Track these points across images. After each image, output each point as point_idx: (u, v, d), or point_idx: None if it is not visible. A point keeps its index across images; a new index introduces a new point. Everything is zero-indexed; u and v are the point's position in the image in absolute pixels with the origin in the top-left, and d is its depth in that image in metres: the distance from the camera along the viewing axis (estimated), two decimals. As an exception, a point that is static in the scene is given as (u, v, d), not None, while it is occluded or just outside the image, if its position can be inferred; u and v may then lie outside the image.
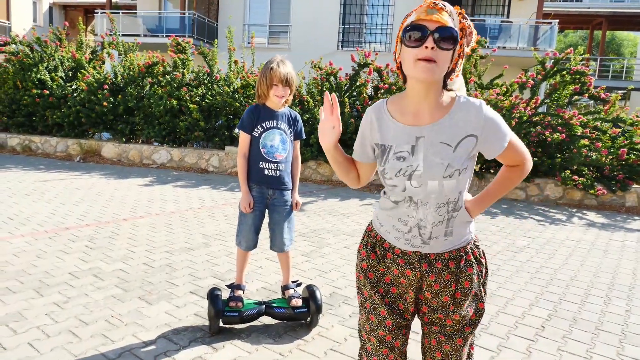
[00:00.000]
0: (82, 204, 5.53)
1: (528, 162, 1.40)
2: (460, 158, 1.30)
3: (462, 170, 1.31)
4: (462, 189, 1.35)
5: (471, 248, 1.43)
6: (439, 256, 1.39)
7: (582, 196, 7.41)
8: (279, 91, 2.50)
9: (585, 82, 7.68)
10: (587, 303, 3.33)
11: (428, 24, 1.22)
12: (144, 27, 16.59)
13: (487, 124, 1.30)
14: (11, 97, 9.81)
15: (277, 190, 2.65)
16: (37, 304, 2.78)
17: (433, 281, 1.39)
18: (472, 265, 1.41)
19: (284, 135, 2.61)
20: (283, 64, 2.51)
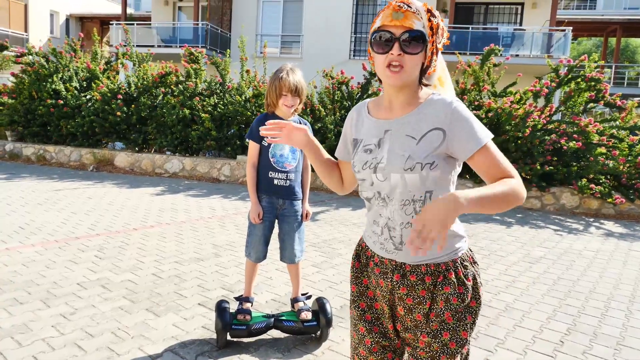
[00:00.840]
0: (94, 213, 5.54)
1: (516, 178, 1.19)
2: (423, 151, 1.22)
3: (426, 165, 1.21)
4: (432, 190, 1.24)
5: (455, 266, 1.29)
6: (415, 268, 1.29)
7: (600, 205, 7.23)
8: (288, 101, 2.46)
9: (601, 90, 7.53)
10: (608, 317, 3.21)
11: (393, 29, 1.19)
12: (158, 38, 16.81)
13: (454, 119, 1.21)
14: (27, 107, 9.96)
15: (287, 201, 2.60)
16: (44, 316, 2.76)
17: (405, 294, 1.29)
18: (450, 285, 1.27)
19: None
20: (292, 73, 2.47)
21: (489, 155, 1.20)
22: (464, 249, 1.32)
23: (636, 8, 29.37)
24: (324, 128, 7.96)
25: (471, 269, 1.31)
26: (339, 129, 7.87)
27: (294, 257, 2.65)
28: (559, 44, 14.25)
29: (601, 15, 23.12)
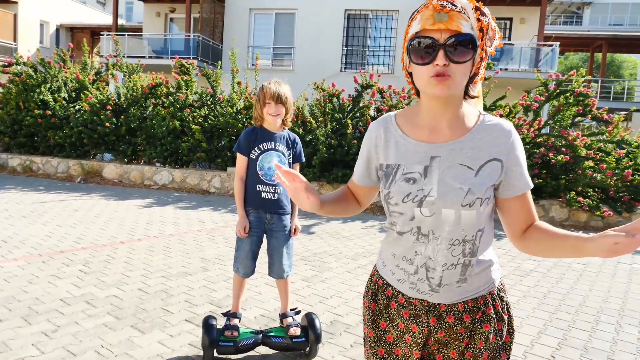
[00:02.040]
0: (80, 226, 5.45)
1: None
2: (484, 184, 1.06)
3: (485, 200, 1.07)
4: (483, 228, 1.11)
5: (493, 299, 1.17)
6: (451, 308, 1.14)
7: (588, 218, 7.29)
8: (272, 109, 2.43)
9: (589, 104, 7.64)
10: (598, 330, 3.20)
11: (436, 34, 1.00)
12: (149, 49, 16.78)
13: (513, 151, 1.08)
14: (13, 118, 9.83)
15: (275, 215, 2.56)
16: (24, 333, 2.67)
17: (444, 336, 1.16)
18: (490, 322, 1.14)
19: (282, 157, 2.53)
20: (277, 84, 2.46)
21: (529, 199, 1.12)
22: (497, 279, 1.20)
23: (620, 24, 30.05)
24: (315, 140, 7.95)
25: (506, 299, 1.21)
26: (330, 141, 7.87)
27: (282, 272, 2.61)
28: (547, 58, 14.47)
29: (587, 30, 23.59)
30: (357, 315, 3.25)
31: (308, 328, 2.53)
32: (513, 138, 1.08)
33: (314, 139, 7.98)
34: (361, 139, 8.00)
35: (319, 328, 2.53)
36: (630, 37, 19.87)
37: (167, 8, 18.06)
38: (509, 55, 14.91)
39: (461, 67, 1.02)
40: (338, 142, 7.95)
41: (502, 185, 1.10)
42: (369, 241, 5.52)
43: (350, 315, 3.24)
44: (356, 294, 3.68)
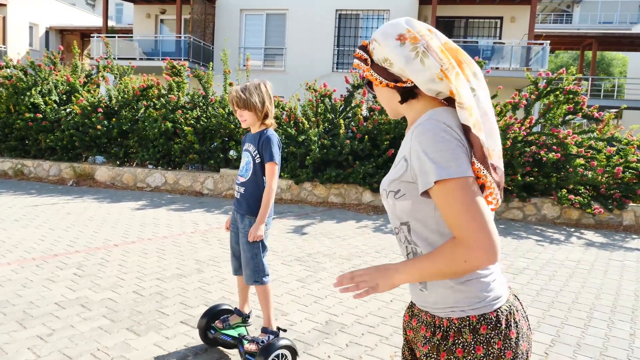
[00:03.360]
0: (73, 229, 5.42)
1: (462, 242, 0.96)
2: (388, 178, 1.13)
3: (390, 193, 1.10)
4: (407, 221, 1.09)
5: (449, 326, 1.06)
6: (418, 312, 1.17)
7: (580, 215, 7.36)
8: (238, 114, 2.45)
9: (579, 102, 7.71)
10: (591, 327, 3.24)
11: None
12: (140, 51, 16.69)
13: (413, 146, 1.04)
14: (4, 121, 9.75)
15: (239, 215, 2.54)
16: (19, 337, 2.66)
17: (413, 337, 1.19)
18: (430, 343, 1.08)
19: (249, 158, 2.50)
20: (241, 88, 2.41)
21: (440, 200, 0.99)
22: (471, 310, 1.05)
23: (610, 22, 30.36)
24: (308, 140, 7.97)
25: (470, 339, 1.04)
26: (323, 141, 7.88)
27: (246, 278, 2.50)
28: (538, 57, 14.59)
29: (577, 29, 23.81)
30: (352, 315, 3.27)
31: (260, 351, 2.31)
32: (414, 134, 1.04)
33: (307, 140, 7.99)
34: (354, 138, 8.03)
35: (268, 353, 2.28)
36: (620, 34, 20.09)
37: (157, 9, 17.98)
38: (499, 54, 15.02)
39: (380, 96, 1.19)
40: (331, 142, 7.97)
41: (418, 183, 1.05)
42: (363, 241, 5.54)
43: (345, 315, 3.26)
44: (351, 294, 3.69)
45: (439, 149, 0.99)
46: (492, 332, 1.03)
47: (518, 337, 1.05)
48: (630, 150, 7.44)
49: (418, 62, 1.05)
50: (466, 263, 0.96)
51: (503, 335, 1.03)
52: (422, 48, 1.05)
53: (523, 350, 1.06)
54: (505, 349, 1.03)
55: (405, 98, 1.13)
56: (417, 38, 1.06)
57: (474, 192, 0.97)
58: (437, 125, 1.01)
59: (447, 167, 0.97)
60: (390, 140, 7.96)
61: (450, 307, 1.07)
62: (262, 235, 2.42)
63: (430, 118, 1.04)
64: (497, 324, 1.04)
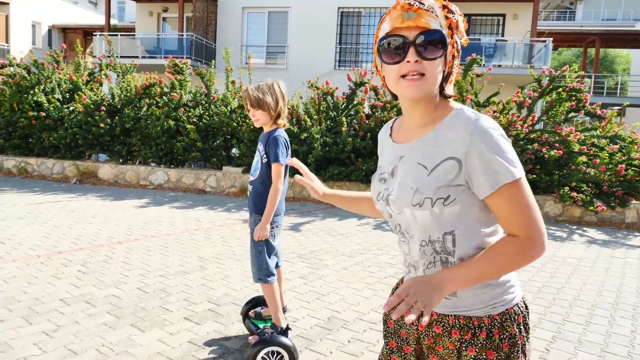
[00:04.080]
0: (77, 226, 5.45)
1: (529, 239, 0.98)
2: (433, 184, 1.01)
3: (437, 200, 1.01)
4: (452, 230, 1.04)
5: (492, 324, 1.05)
6: (442, 318, 1.11)
7: (582, 213, 7.36)
8: (250, 114, 2.47)
9: (582, 99, 7.70)
10: (592, 324, 3.25)
11: (406, 32, 0.99)
12: (143, 49, 16.73)
13: (474, 145, 0.97)
14: (8, 119, 9.80)
15: (249, 212, 2.60)
16: (25, 333, 2.69)
17: (432, 343, 1.13)
18: (476, 346, 1.05)
19: (258, 157, 2.53)
20: (255, 87, 2.42)
21: (508, 200, 0.98)
22: (508, 303, 1.07)
23: (613, 19, 30.24)
24: (310, 138, 7.98)
25: (513, 331, 1.05)
26: (325, 139, 7.90)
27: (253, 275, 2.54)
28: (540, 54, 14.56)
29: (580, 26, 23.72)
30: (353, 311, 3.29)
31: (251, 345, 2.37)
32: (474, 133, 0.98)
33: (309, 137, 8.00)
34: (356, 136, 8.04)
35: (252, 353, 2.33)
36: (623, 32, 20.02)
37: (159, 7, 18.01)
38: (502, 52, 14.99)
39: (434, 64, 1.00)
40: (333, 140, 7.98)
41: (473, 185, 1.00)
42: (365, 238, 5.56)
43: (347, 311, 3.28)
44: (353, 290, 3.72)
45: (506, 148, 0.97)
46: (526, 319, 1.10)
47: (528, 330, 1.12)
48: (633, 148, 7.43)
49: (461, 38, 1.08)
50: (532, 258, 0.99)
51: (529, 319, 1.11)
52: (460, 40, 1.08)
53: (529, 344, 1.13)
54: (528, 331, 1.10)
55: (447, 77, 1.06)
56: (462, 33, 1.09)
57: (529, 189, 1.00)
58: (494, 124, 0.99)
59: (517, 167, 0.97)
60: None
61: (491, 305, 1.06)
62: (266, 235, 2.45)
63: (480, 115, 1.00)
64: (526, 309, 1.11)
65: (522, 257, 0.98)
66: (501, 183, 0.96)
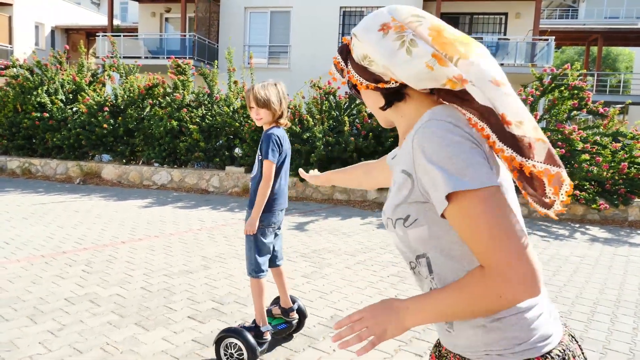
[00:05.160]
0: (81, 226, 5.48)
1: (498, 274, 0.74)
2: (391, 202, 0.89)
3: (396, 221, 0.88)
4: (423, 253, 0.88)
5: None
6: (448, 353, 0.95)
7: (585, 211, 7.35)
8: (254, 113, 2.48)
9: (584, 97, 7.69)
10: (594, 321, 3.26)
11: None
12: (145, 49, 16.78)
13: (416, 155, 0.82)
14: (11, 120, 9.85)
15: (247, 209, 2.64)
16: (31, 332, 2.72)
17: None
18: None
19: (258, 154, 2.56)
20: (261, 86, 2.44)
21: (457, 220, 0.78)
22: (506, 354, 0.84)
23: (616, 17, 30.12)
24: (313, 138, 8.00)
25: None
26: (327, 139, 7.91)
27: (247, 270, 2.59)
28: (543, 52, 14.54)
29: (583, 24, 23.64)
30: (357, 309, 3.30)
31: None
32: (415, 140, 0.83)
33: (312, 137, 8.02)
34: (358, 135, 8.05)
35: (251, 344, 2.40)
36: (626, 30, 19.95)
37: (162, 8, 18.05)
38: (504, 50, 14.98)
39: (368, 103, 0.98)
40: (335, 139, 7.99)
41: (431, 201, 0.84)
42: (368, 237, 5.57)
43: (350, 310, 3.29)
44: (355, 289, 3.73)
45: (449, 154, 0.77)
46: None
47: None
48: (635, 146, 7.41)
49: (404, 53, 0.84)
50: (501, 298, 0.75)
51: None
52: (409, 36, 0.84)
53: None
54: None
55: (389, 102, 0.92)
56: (404, 27, 0.86)
57: (500, 205, 0.76)
58: (442, 126, 0.80)
59: (461, 177, 0.76)
60: (395, 137, 7.97)
61: (484, 351, 0.85)
62: (253, 230, 2.46)
63: (432, 119, 0.83)
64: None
65: (486, 295, 0.76)
66: (441, 195, 0.78)
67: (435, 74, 0.83)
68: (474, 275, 0.78)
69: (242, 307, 3.26)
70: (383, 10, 0.91)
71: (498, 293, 0.75)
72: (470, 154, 0.78)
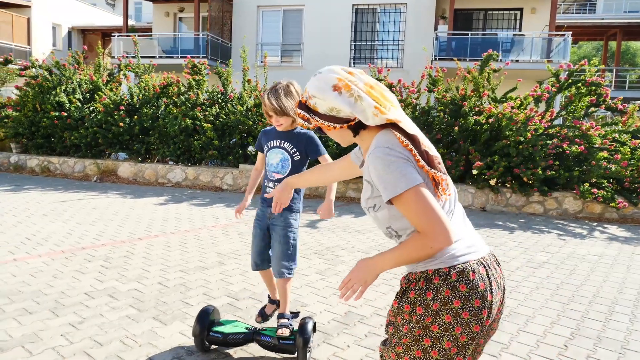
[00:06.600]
0: (99, 223, 5.58)
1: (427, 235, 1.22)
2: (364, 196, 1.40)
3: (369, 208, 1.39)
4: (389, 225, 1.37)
5: (416, 279, 1.34)
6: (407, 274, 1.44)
7: (603, 209, 7.24)
8: (273, 120, 2.49)
9: (602, 94, 7.57)
10: (612, 321, 3.22)
11: None
12: (159, 49, 16.95)
13: (371, 171, 1.30)
14: (31, 120, 10.05)
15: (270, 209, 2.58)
16: (53, 325, 2.79)
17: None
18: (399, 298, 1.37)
19: (285, 155, 2.54)
20: (274, 93, 2.41)
21: (401, 209, 1.26)
22: (424, 263, 1.32)
23: (636, 11, 29.49)
24: (326, 135, 8.00)
25: (420, 285, 1.31)
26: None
27: (277, 271, 2.55)
28: (559, 48, 14.32)
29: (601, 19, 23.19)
30: (370, 307, 3.32)
31: (297, 332, 2.44)
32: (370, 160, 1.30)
33: (325, 135, 8.02)
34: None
35: (308, 333, 2.42)
36: (645, 24, 19.54)
37: (176, 7, 18.21)
38: (519, 46, 14.79)
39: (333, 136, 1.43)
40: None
41: None
42: (381, 235, 5.57)
43: (364, 306, 3.31)
44: (369, 286, 3.74)
45: (388, 170, 1.24)
46: (442, 282, 1.28)
47: (469, 292, 1.27)
48: (655, 143, 7.28)
49: (359, 104, 1.31)
50: (432, 249, 1.23)
51: (451, 286, 1.27)
52: (356, 93, 1.30)
53: (474, 305, 1.27)
54: (453, 297, 1.27)
55: (356, 131, 1.38)
56: (349, 85, 1.31)
57: (424, 195, 1.22)
58: (383, 151, 1.26)
59: (397, 185, 1.23)
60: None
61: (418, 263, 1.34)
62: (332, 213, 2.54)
63: (377, 146, 1.29)
64: (447, 276, 1.28)
65: (423, 248, 1.23)
66: (387, 198, 1.25)
67: (379, 118, 1.31)
68: (414, 237, 1.26)
69: (257, 302, 3.29)
70: (327, 75, 1.34)
71: (429, 245, 1.22)
72: (401, 166, 1.25)
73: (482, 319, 1.28)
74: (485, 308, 1.28)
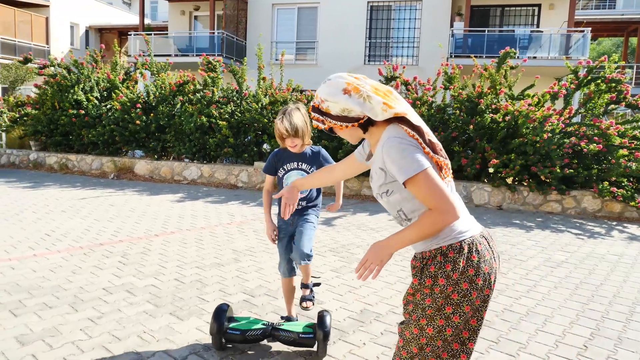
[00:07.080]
0: (116, 220, 5.66)
1: (437, 210, 1.39)
2: (377, 183, 1.56)
3: (382, 194, 1.55)
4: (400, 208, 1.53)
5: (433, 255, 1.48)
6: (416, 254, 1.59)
7: (622, 208, 7.10)
8: (288, 142, 2.52)
9: (622, 91, 7.42)
10: (633, 321, 3.16)
11: None
12: (175, 47, 17.09)
13: (385, 158, 1.46)
14: (49, 118, 10.23)
15: (297, 215, 2.69)
16: (72, 319, 2.83)
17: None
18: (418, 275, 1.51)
19: (301, 175, 2.62)
20: (288, 116, 2.45)
21: (414, 189, 1.42)
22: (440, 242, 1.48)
23: (657, 6, 28.78)
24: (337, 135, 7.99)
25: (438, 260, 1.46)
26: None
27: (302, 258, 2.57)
28: (578, 44, 14.06)
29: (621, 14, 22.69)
30: (386, 304, 3.30)
31: (317, 324, 2.44)
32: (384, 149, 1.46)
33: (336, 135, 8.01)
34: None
35: (328, 326, 2.42)
36: (667, 20, 19.06)
37: (191, 6, 18.34)
38: (537, 43, 14.56)
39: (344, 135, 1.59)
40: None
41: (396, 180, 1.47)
42: (397, 233, 5.54)
43: (379, 304, 3.30)
44: (385, 284, 3.73)
45: (402, 156, 1.41)
46: (457, 254, 1.45)
47: (479, 260, 1.46)
48: (677, 141, 7.11)
49: (368, 103, 1.46)
50: (442, 222, 1.38)
51: (465, 257, 1.45)
52: (365, 93, 1.46)
53: (485, 271, 1.46)
54: (468, 266, 1.45)
55: (365, 128, 1.54)
56: (357, 87, 1.47)
57: (433, 176, 1.39)
58: (396, 141, 1.43)
59: (409, 168, 1.39)
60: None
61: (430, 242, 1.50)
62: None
63: (389, 137, 1.46)
64: (460, 249, 1.46)
65: (435, 223, 1.39)
66: (401, 180, 1.41)
67: (388, 113, 1.47)
68: (425, 214, 1.41)
69: (273, 299, 3.30)
70: (336, 80, 1.50)
71: (440, 219, 1.39)
72: (412, 152, 1.42)
73: (491, 283, 1.48)
74: (492, 273, 1.48)
